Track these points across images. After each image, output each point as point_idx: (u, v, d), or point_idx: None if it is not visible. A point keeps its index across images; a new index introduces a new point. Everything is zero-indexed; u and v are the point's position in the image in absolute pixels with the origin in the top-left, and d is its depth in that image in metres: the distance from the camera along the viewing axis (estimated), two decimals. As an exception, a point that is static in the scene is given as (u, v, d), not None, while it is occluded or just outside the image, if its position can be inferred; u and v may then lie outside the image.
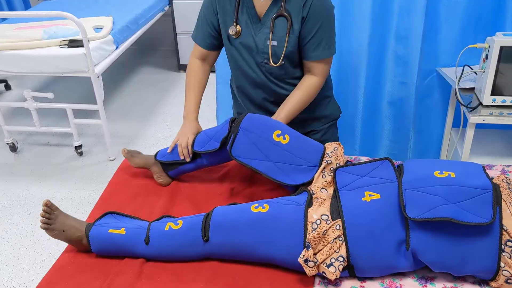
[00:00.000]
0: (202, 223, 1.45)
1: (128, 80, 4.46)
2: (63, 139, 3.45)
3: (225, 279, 1.40)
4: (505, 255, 1.31)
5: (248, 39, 1.75)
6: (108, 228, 1.49)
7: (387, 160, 1.54)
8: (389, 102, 2.54)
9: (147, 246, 1.46)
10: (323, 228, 1.35)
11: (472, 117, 2.04)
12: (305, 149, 1.66)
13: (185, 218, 1.51)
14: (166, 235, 1.46)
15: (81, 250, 1.53)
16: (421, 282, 1.40)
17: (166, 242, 1.46)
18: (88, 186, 2.91)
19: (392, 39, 2.39)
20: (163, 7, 4.28)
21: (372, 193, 1.43)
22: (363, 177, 1.50)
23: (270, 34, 1.71)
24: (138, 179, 1.89)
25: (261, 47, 1.74)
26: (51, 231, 1.51)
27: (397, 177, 1.45)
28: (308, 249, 1.32)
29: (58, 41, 2.89)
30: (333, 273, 1.32)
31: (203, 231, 1.44)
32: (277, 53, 1.74)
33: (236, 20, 1.74)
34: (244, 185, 1.82)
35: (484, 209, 1.32)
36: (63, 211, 1.57)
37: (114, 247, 1.48)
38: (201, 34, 1.85)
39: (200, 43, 1.87)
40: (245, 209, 1.47)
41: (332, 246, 1.34)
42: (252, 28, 1.74)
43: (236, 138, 1.63)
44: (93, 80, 2.86)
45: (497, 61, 1.96)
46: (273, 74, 1.80)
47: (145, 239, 1.46)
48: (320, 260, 1.33)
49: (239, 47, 1.78)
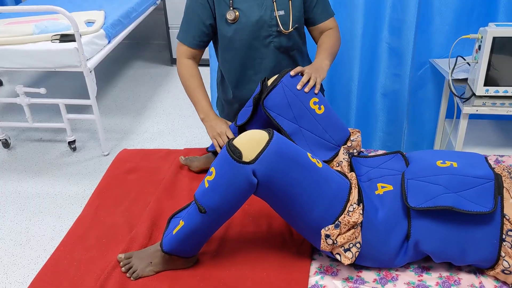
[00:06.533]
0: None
1: (121, 74, 4.44)
2: (56, 135, 3.42)
3: (213, 284, 1.39)
4: (506, 245, 1.32)
5: (252, 17, 1.75)
6: (172, 231, 1.41)
7: (399, 154, 1.56)
8: (382, 94, 2.55)
9: (205, 214, 1.32)
10: (355, 216, 1.30)
11: (466, 107, 2.05)
12: (335, 126, 1.65)
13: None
14: (214, 189, 1.30)
15: (182, 266, 1.44)
16: (417, 272, 1.40)
17: (219, 197, 1.30)
18: (82, 182, 2.89)
19: (385, 30, 2.39)
20: (155, 1, 4.25)
21: (385, 184, 1.44)
22: (375, 168, 1.53)
23: (274, 4, 1.74)
24: (132, 174, 1.88)
25: (268, 20, 1.75)
26: (142, 272, 1.42)
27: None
28: (336, 228, 1.30)
29: (50, 36, 2.86)
30: (350, 258, 1.31)
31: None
32: (286, 21, 1.77)
33: (233, 4, 1.74)
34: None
35: (485, 198, 1.32)
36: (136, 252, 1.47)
37: (188, 241, 1.38)
38: (191, 34, 1.81)
39: (190, 44, 1.83)
40: (303, 152, 1.36)
41: (354, 232, 1.32)
42: (255, 6, 1.74)
43: (273, 89, 1.59)
44: (86, 74, 2.84)
45: (490, 52, 1.96)
46: (282, 48, 1.82)
47: (199, 209, 1.32)
48: (339, 243, 1.30)
49: (240, 30, 1.77)
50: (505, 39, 1.95)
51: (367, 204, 1.38)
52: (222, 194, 1.29)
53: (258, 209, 1.65)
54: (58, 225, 2.54)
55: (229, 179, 1.28)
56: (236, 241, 1.54)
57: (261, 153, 1.26)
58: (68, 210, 2.65)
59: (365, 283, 1.37)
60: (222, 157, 1.29)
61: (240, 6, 1.74)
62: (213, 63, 2.53)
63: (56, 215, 2.61)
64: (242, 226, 1.60)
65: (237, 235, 1.56)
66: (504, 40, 1.95)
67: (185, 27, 1.82)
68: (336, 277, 1.39)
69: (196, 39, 1.82)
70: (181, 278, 1.41)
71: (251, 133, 1.32)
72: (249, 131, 1.34)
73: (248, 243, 1.53)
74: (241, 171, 1.25)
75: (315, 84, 1.62)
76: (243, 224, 1.60)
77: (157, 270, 1.42)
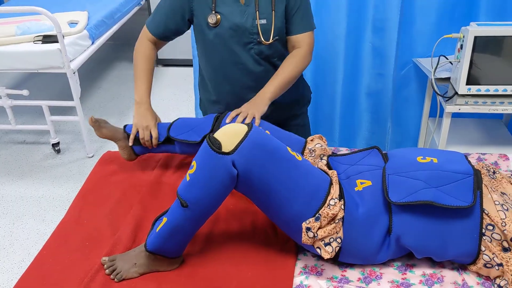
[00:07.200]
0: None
1: (105, 75, 4.41)
2: (40, 137, 3.39)
3: (199, 284, 1.38)
4: (486, 239, 1.34)
5: (233, 23, 1.73)
6: (156, 229, 1.40)
7: (375, 149, 1.58)
8: (366, 94, 2.56)
9: (188, 208, 1.32)
10: (336, 209, 1.32)
11: (448, 106, 2.07)
12: (288, 140, 1.67)
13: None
14: (195, 182, 1.31)
15: (166, 268, 1.43)
16: (401, 270, 1.41)
17: (200, 189, 1.31)
18: (67, 184, 2.87)
19: (368, 31, 2.40)
20: (139, 1, 4.23)
21: (364, 180, 1.46)
22: (353, 165, 1.53)
23: (257, 13, 1.71)
24: (116, 175, 1.87)
25: (249, 28, 1.73)
26: (127, 274, 1.40)
27: (385, 164, 1.47)
28: (316, 221, 1.31)
29: (32, 37, 2.84)
30: (329, 252, 1.31)
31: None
32: (267, 31, 1.74)
33: (215, 8, 1.73)
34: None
35: (465, 193, 1.34)
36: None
37: (172, 239, 1.37)
38: (156, 23, 1.81)
39: (153, 32, 1.82)
40: (282, 145, 1.37)
41: (335, 227, 1.32)
42: (237, 12, 1.72)
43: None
44: (69, 76, 2.82)
45: (471, 51, 1.98)
46: (263, 55, 1.80)
47: (181, 204, 1.31)
48: (320, 236, 1.31)
49: (221, 35, 1.76)
50: (486, 38, 1.97)
51: (348, 200, 1.39)
52: (203, 186, 1.30)
53: (243, 209, 1.65)
54: (42, 228, 2.51)
55: (209, 170, 1.29)
56: (221, 241, 1.54)
57: (240, 144, 1.28)
58: (52, 213, 2.62)
59: (350, 282, 1.37)
60: (202, 149, 1.31)
61: (222, 11, 1.73)
62: (196, 64, 2.52)
63: (40, 218, 2.59)
64: (227, 226, 1.59)
65: (222, 235, 1.56)
66: (486, 39, 1.97)
67: (155, 14, 1.82)
68: (320, 276, 1.39)
69: (159, 29, 1.81)
70: (167, 278, 1.40)
71: (231, 126, 1.34)
72: (229, 124, 1.36)
73: (234, 243, 1.52)
74: (221, 162, 1.27)
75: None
76: (228, 224, 1.60)
77: (141, 271, 1.41)
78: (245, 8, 1.73)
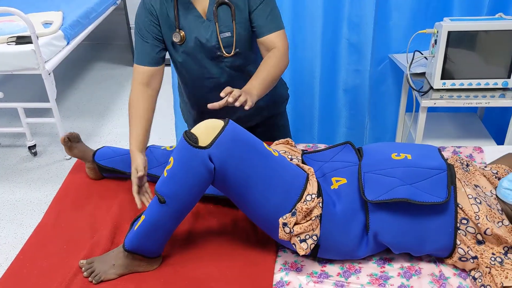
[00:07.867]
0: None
1: (82, 76, 4.35)
2: (16, 140, 3.34)
3: (179, 283, 1.38)
4: (461, 233, 1.36)
5: (198, 39, 1.69)
6: (134, 227, 1.39)
7: (348, 144, 1.58)
8: (344, 90, 2.58)
9: (165, 204, 1.32)
10: (312, 205, 1.33)
11: (424, 101, 2.09)
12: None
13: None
14: (172, 176, 1.31)
15: (145, 268, 1.42)
16: (379, 264, 1.43)
17: (177, 184, 1.31)
18: (44, 187, 2.83)
19: (345, 27, 2.42)
20: (115, 1, 4.18)
21: (339, 178, 1.46)
22: (328, 162, 1.54)
23: (216, 26, 1.67)
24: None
25: (214, 43, 1.70)
26: (105, 275, 1.39)
27: (359, 160, 1.48)
28: (292, 216, 1.31)
29: (6, 38, 2.79)
30: (304, 249, 1.32)
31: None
32: (229, 43, 1.71)
33: (179, 26, 1.69)
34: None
35: (439, 189, 1.36)
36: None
37: (150, 236, 1.37)
38: (143, 52, 1.71)
39: (147, 62, 1.71)
40: (259, 140, 1.37)
41: (312, 224, 1.33)
42: (200, 28, 1.69)
43: None
44: (44, 77, 2.78)
45: (445, 46, 2.01)
46: (235, 65, 1.76)
47: (159, 200, 1.32)
48: (296, 232, 1.32)
49: (189, 52, 1.72)
50: (459, 33, 2.00)
51: (325, 198, 1.40)
52: (179, 181, 1.31)
53: (222, 207, 1.65)
54: (20, 232, 2.48)
55: (185, 164, 1.29)
56: (201, 240, 1.53)
57: (216, 138, 1.28)
58: (30, 217, 2.59)
59: (329, 277, 1.38)
60: (179, 145, 1.31)
61: (186, 27, 1.69)
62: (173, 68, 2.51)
63: (17, 222, 2.55)
64: (207, 225, 1.59)
65: (202, 234, 1.56)
66: (459, 34, 2.00)
67: (136, 49, 1.74)
68: (300, 272, 1.40)
69: (146, 57, 1.71)
70: (146, 279, 1.39)
71: (208, 121, 1.34)
72: (206, 120, 1.35)
73: (213, 242, 1.52)
74: (197, 156, 1.27)
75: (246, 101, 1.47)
76: (207, 223, 1.60)
77: (120, 272, 1.39)
78: (208, 23, 1.68)
